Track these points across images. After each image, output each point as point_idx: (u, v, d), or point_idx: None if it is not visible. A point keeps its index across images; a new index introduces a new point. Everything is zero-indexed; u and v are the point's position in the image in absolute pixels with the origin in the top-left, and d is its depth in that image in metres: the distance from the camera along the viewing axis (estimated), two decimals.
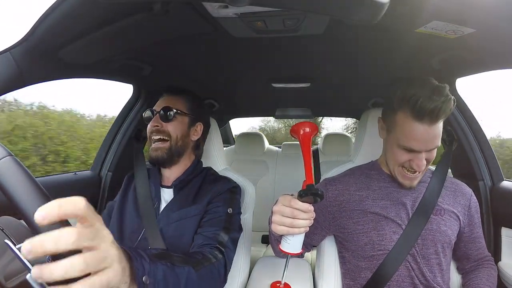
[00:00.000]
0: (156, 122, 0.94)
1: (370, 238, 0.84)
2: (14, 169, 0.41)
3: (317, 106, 2.27)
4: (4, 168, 0.41)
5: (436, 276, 0.82)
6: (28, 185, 0.40)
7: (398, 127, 0.79)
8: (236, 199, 0.96)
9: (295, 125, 0.65)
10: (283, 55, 1.15)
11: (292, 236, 0.65)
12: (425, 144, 0.76)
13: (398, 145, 0.79)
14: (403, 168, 0.82)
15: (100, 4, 0.54)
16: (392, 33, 0.83)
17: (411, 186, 0.85)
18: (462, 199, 0.90)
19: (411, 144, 0.76)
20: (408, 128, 0.76)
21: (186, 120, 0.99)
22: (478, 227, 0.91)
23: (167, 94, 1.01)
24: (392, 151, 0.82)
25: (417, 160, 0.78)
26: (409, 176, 0.82)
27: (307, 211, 0.62)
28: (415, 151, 0.77)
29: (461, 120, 1.20)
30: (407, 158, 0.79)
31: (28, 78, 0.80)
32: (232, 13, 0.72)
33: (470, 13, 0.61)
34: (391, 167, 0.86)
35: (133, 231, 0.89)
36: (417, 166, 0.78)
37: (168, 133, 0.94)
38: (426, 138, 0.75)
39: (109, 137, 1.43)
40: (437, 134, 0.76)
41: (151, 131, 0.95)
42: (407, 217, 0.84)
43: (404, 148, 0.78)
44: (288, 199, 0.63)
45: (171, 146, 0.95)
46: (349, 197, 0.89)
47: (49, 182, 1.17)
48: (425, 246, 0.82)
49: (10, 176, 0.40)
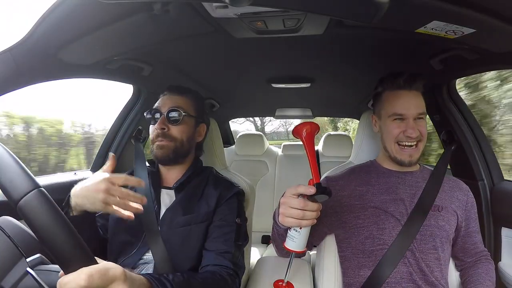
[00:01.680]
0: (162, 125, 0.89)
1: (370, 232, 0.86)
2: (42, 204, 0.41)
3: (317, 106, 2.27)
4: (33, 203, 0.41)
5: (434, 270, 0.83)
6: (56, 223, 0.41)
7: (385, 103, 0.90)
8: (242, 206, 0.95)
9: (297, 126, 0.66)
10: (283, 55, 1.15)
11: (298, 233, 0.65)
12: (409, 108, 0.86)
13: (388, 117, 0.89)
14: (399, 144, 0.88)
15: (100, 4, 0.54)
16: (392, 33, 0.83)
17: (411, 162, 0.88)
18: (460, 194, 0.92)
19: (397, 109, 0.87)
20: (392, 97, 0.89)
21: (193, 122, 0.95)
22: (474, 221, 0.93)
23: (171, 93, 0.95)
24: (386, 127, 0.90)
25: (408, 128, 0.85)
26: (406, 150, 0.87)
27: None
28: (403, 118, 0.86)
29: (461, 120, 1.20)
30: (399, 129, 0.87)
31: (28, 78, 0.80)
32: (232, 13, 0.72)
33: (470, 13, 0.60)
34: (390, 148, 0.90)
35: (134, 235, 0.87)
36: (410, 133, 0.85)
37: (174, 137, 0.90)
38: (409, 102, 0.86)
39: (109, 137, 1.43)
40: (419, 101, 0.88)
41: (156, 134, 0.90)
42: (405, 212, 0.86)
43: (394, 117, 0.87)
44: (294, 189, 0.63)
45: (176, 147, 0.91)
46: (350, 193, 0.91)
47: (49, 182, 1.17)
48: (424, 241, 0.84)
49: (39, 214, 0.41)
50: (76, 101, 2.28)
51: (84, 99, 2.50)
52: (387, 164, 0.95)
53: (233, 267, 0.81)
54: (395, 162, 0.91)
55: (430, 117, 1.33)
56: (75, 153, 2.89)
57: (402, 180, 0.91)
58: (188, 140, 0.93)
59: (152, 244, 0.83)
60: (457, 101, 1.22)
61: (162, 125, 0.89)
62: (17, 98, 1.66)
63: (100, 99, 3.08)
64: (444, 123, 1.24)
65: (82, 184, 0.69)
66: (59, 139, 2.74)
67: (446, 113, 1.22)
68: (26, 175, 0.42)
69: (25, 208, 0.40)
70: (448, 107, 1.21)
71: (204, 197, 0.91)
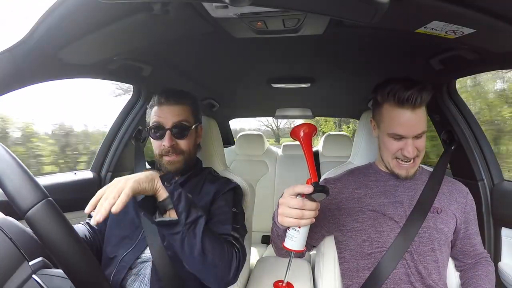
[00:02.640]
0: (171, 141, 0.89)
1: (368, 235, 0.86)
2: (50, 216, 0.41)
3: (317, 106, 2.27)
4: (41, 214, 0.41)
5: (432, 273, 0.83)
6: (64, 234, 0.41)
7: (385, 118, 0.85)
8: (238, 199, 0.96)
9: (295, 127, 0.67)
10: (283, 55, 1.15)
11: (297, 232, 0.66)
12: (410, 129, 0.81)
13: (387, 134, 0.85)
14: (397, 159, 0.86)
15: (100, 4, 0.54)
16: (392, 33, 0.83)
17: (407, 176, 0.87)
18: (459, 196, 0.92)
19: (397, 130, 0.82)
20: (392, 116, 0.83)
21: (194, 130, 0.96)
22: (473, 224, 0.92)
23: (168, 102, 0.92)
24: (384, 143, 0.87)
25: (406, 147, 0.82)
26: (403, 165, 0.86)
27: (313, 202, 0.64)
28: (402, 137, 0.82)
29: (461, 120, 1.20)
30: (397, 146, 0.84)
31: (28, 78, 0.81)
32: (232, 14, 0.72)
33: (470, 13, 0.60)
34: (387, 161, 0.89)
35: (133, 230, 0.89)
36: (408, 153, 0.82)
37: (182, 150, 0.91)
38: (410, 123, 0.81)
39: (109, 137, 1.43)
40: (421, 119, 0.82)
41: (166, 151, 0.89)
42: (404, 215, 0.85)
43: (393, 136, 0.83)
44: (292, 189, 0.64)
45: (186, 159, 0.92)
46: (348, 195, 0.91)
47: (49, 182, 1.17)
48: (422, 244, 0.83)
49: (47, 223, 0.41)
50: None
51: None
52: (385, 168, 0.94)
53: (233, 240, 0.83)
54: (392, 174, 0.91)
55: (430, 117, 1.33)
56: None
57: (400, 183, 0.91)
58: (194, 147, 0.96)
59: (150, 240, 0.85)
60: (457, 101, 1.22)
61: (171, 141, 0.89)
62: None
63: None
64: (444, 123, 1.24)
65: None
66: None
67: (446, 113, 1.22)
68: (35, 185, 0.42)
69: (34, 219, 0.40)
70: (448, 107, 1.21)
71: (202, 193, 0.93)
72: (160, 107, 0.92)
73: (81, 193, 1.29)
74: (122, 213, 0.93)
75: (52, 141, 2.47)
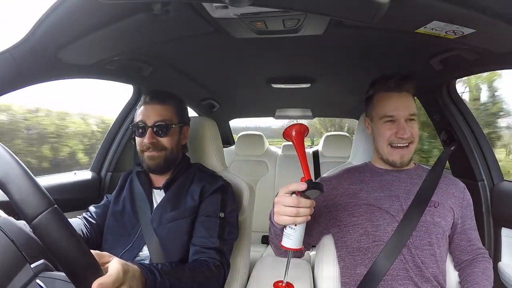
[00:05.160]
0: (151, 138, 0.91)
1: (365, 229, 0.86)
2: (57, 224, 0.41)
3: (317, 106, 2.27)
4: (47, 222, 0.41)
5: (430, 267, 0.83)
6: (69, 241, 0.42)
7: (376, 105, 0.93)
8: (225, 199, 0.95)
9: (286, 128, 0.68)
10: (283, 55, 1.15)
11: (294, 231, 0.66)
12: (399, 109, 0.88)
13: (379, 119, 0.90)
14: (391, 146, 0.89)
15: (100, 4, 0.54)
16: (392, 33, 0.83)
17: (402, 163, 0.90)
18: (456, 191, 0.93)
19: (387, 111, 0.88)
20: (382, 101, 0.91)
21: (178, 129, 0.97)
22: (470, 219, 0.93)
23: (153, 102, 0.94)
24: (378, 129, 0.91)
25: (400, 130, 0.87)
26: (398, 150, 0.89)
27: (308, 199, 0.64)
28: (394, 118, 0.88)
29: (461, 120, 1.20)
30: (391, 131, 0.88)
31: (28, 78, 0.81)
32: (232, 14, 0.72)
33: (470, 13, 0.61)
34: (382, 149, 0.91)
35: (131, 228, 0.92)
36: (402, 134, 0.86)
37: (163, 146, 0.93)
38: (398, 104, 0.88)
39: (109, 137, 1.43)
40: (409, 102, 0.90)
41: (146, 147, 0.92)
42: (400, 209, 0.86)
43: (385, 119, 0.89)
44: (286, 188, 0.65)
45: (167, 155, 0.93)
46: (343, 191, 0.92)
47: (49, 182, 1.17)
48: (419, 237, 0.84)
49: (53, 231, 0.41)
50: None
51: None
52: (381, 165, 0.96)
53: (219, 259, 0.85)
54: (387, 163, 0.92)
55: (430, 117, 1.33)
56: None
57: (396, 177, 0.92)
58: (176, 146, 0.96)
59: (147, 238, 0.88)
60: (457, 101, 1.22)
61: (151, 138, 0.91)
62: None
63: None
64: (444, 123, 1.24)
65: None
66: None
67: (446, 113, 1.22)
68: (40, 192, 0.42)
69: (40, 228, 0.41)
70: (448, 107, 1.21)
71: (190, 192, 0.94)
72: (145, 106, 0.95)
73: (81, 193, 1.29)
74: (119, 211, 0.95)
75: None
